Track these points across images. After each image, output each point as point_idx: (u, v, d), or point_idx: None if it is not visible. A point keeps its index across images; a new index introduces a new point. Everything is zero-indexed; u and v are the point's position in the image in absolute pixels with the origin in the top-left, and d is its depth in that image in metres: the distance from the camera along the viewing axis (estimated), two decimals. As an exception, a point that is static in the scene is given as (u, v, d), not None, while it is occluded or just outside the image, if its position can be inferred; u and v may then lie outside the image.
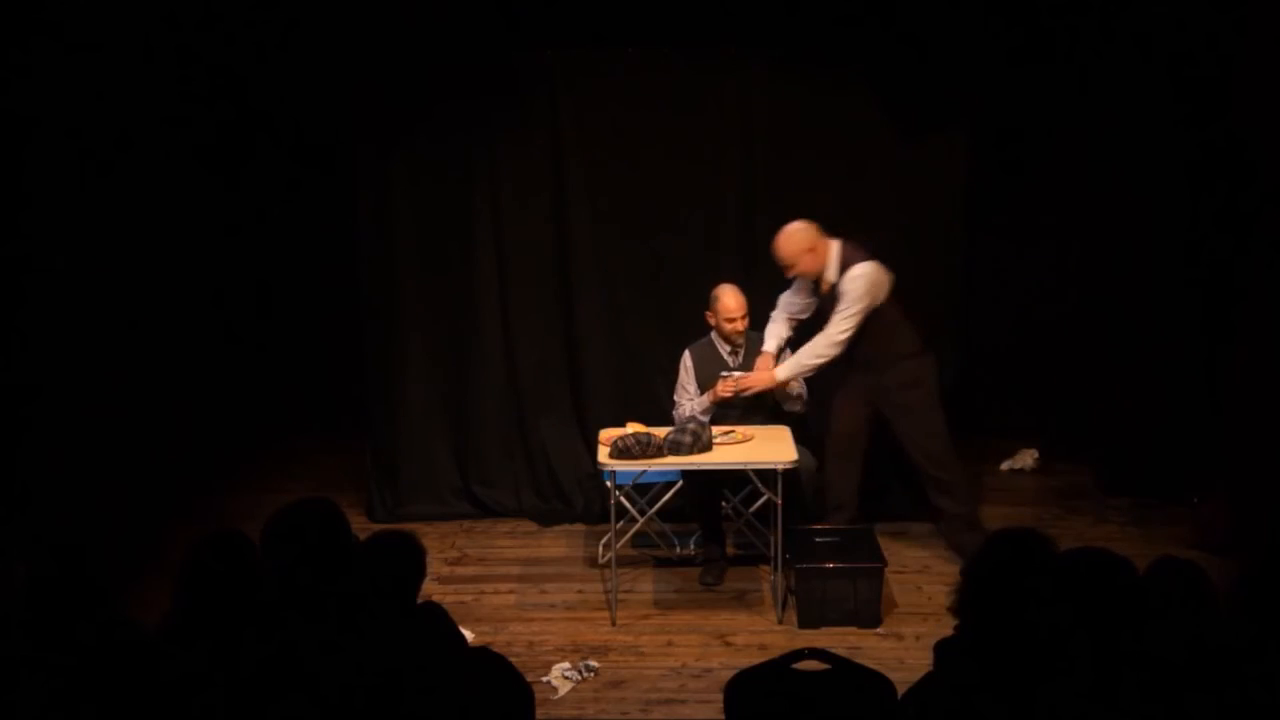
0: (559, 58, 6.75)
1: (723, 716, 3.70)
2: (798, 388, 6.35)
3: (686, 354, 6.46)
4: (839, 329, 6.08)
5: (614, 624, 5.93)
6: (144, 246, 6.95)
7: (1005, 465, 7.71)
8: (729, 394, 6.21)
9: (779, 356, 6.33)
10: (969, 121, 6.85)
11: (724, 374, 6.24)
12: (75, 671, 3.19)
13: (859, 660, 3.84)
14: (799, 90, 6.74)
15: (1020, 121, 7.48)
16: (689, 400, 6.42)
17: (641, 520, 6.33)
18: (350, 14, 6.67)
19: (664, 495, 6.39)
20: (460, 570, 6.57)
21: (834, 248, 6.12)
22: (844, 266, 6.09)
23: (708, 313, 6.39)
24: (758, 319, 6.43)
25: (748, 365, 6.36)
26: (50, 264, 6.08)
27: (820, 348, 6.14)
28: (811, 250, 6.09)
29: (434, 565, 6.47)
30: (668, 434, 5.93)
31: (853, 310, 6.07)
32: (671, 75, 6.77)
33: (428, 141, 6.85)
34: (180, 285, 7.42)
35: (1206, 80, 6.54)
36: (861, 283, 6.06)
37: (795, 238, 6.10)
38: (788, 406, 6.37)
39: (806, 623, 5.85)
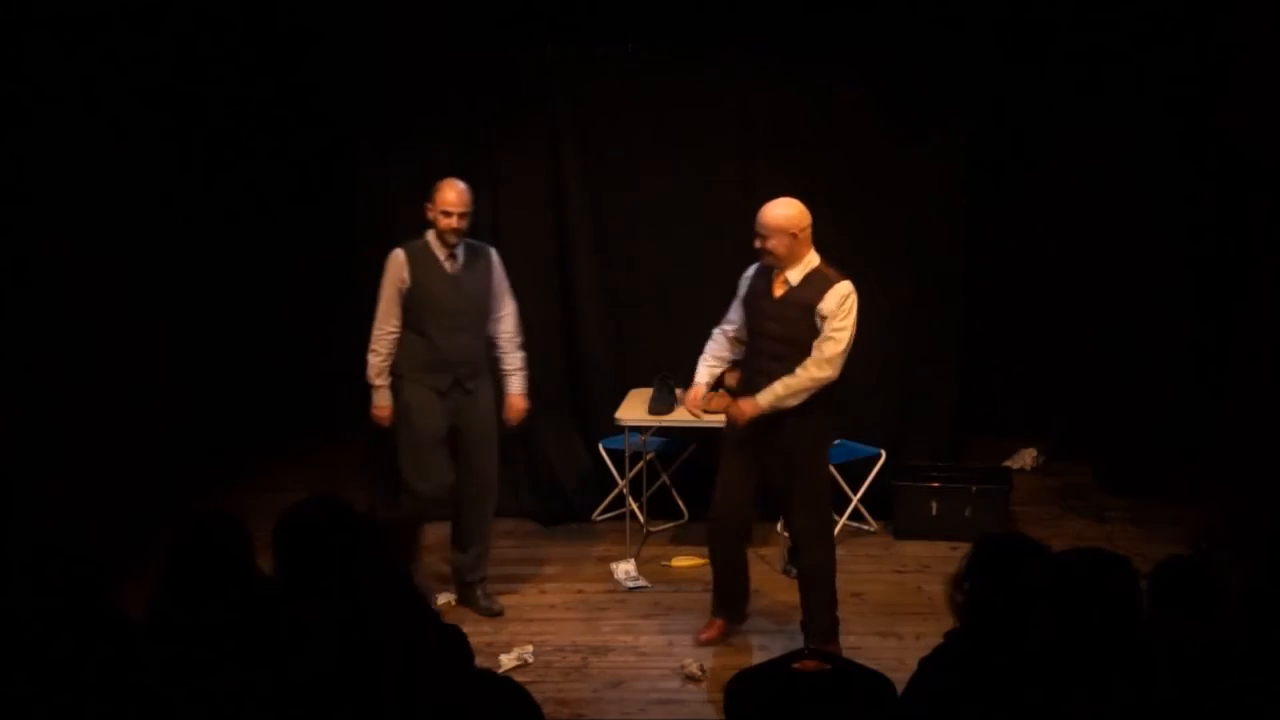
0: (559, 55, 6.75)
1: (723, 716, 3.70)
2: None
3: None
4: (833, 349, 5.19)
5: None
6: (143, 244, 6.95)
7: (1005, 465, 7.71)
8: (708, 410, 5.68)
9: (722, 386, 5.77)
10: (969, 121, 6.86)
11: (709, 394, 5.73)
12: (71, 666, 3.19)
13: (859, 660, 3.85)
14: (799, 88, 6.75)
15: (1020, 121, 7.48)
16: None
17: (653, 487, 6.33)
18: (351, 12, 6.67)
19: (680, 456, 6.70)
20: (460, 570, 6.56)
21: (812, 253, 5.32)
22: (814, 279, 5.27)
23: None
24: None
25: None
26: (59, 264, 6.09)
27: (811, 370, 5.21)
28: (794, 236, 5.23)
29: (434, 565, 6.47)
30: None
31: (844, 326, 5.21)
32: (672, 73, 6.77)
33: (427, 138, 6.85)
34: (180, 283, 7.42)
35: (1206, 79, 6.54)
36: (851, 301, 5.23)
37: (788, 210, 5.27)
38: None
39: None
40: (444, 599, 6.13)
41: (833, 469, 6.70)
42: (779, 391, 5.25)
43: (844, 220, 6.71)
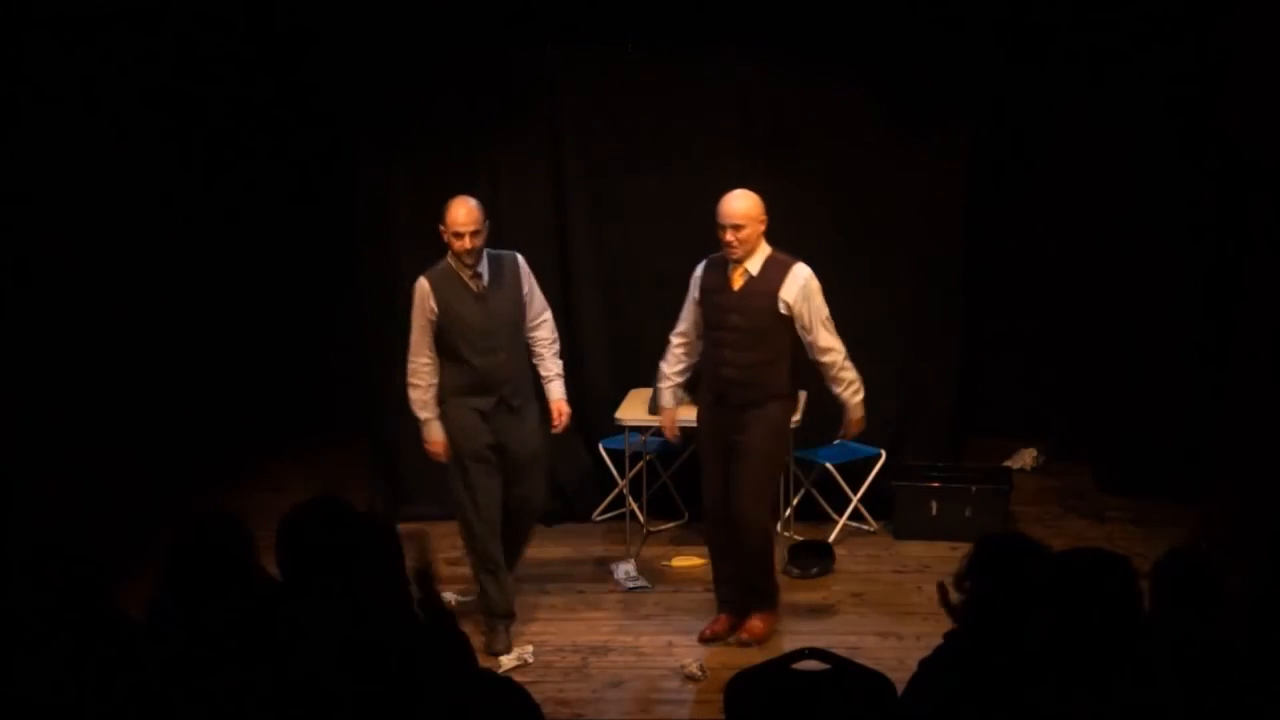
0: (559, 55, 6.75)
1: (723, 716, 3.70)
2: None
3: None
4: (827, 338, 5.46)
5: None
6: (143, 244, 6.95)
7: (1005, 465, 7.70)
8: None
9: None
10: (969, 121, 6.85)
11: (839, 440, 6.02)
12: (71, 666, 3.19)
13: (859, 660, 3.84)
14: (799, 87, 6.74)
15: (1020, 121, 7.48)
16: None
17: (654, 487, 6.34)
18: (351, 12, 6.67)
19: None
20: (460, 570, 6.53)
21: (764, 241, 5.45)
22: (770, 266, 5.41)
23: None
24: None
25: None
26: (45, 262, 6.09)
27: (847, 365, 5.50)
28: (762, 222, 5.40)
29: (434, 565, 6.46)
30: None
31: (821, 309, 5.45)
32: (672, 71, 6.77)
33: (427, 138, 6.85)
34: (180, 283, 7.42)
35: (1206, 79, 6.54)
36: (814, 284, 5.43)
37: (752, 199, 5.41)
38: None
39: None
40: (445, 599, 6.11)
41: (832, 468, 6.73)
42: (852, 395, 5.53)
43: (844, 220, 6.73)
